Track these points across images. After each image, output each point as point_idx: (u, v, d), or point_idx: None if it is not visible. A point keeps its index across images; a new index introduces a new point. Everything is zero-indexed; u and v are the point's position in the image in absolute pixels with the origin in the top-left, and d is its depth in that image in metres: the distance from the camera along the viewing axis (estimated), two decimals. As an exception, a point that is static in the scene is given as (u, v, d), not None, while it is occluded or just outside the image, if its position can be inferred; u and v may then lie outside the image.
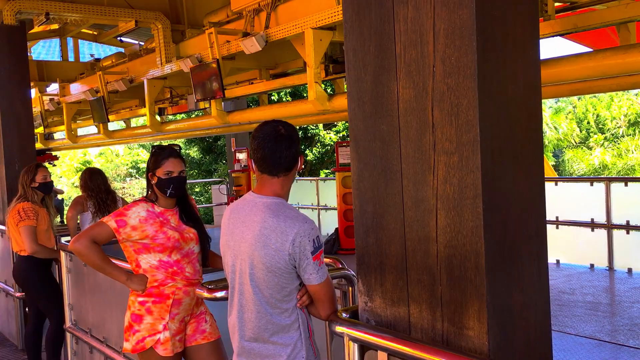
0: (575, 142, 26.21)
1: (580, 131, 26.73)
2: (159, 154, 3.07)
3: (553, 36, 4.10)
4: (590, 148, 24.53)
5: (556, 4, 4.31)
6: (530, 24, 1.72)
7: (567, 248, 8.09)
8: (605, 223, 7.55)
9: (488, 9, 1.60)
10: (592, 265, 7.59)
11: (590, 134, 26.03)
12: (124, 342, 3.02)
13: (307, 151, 19.80)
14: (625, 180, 8.08)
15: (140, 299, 2.99)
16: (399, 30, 1.78)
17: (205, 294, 2.51)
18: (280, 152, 2.12)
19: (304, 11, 4.96)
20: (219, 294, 2.44)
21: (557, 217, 7.91)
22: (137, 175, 30.03)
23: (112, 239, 2.99)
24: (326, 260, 3.13)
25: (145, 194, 3.16)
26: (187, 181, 3.64)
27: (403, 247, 1.82)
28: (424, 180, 1.73)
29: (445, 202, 1.68)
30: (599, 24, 3.59)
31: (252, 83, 7.25)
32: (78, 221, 5.09)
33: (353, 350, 1.91)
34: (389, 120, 1.83)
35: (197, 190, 23.59)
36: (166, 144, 3.52)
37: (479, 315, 1.62)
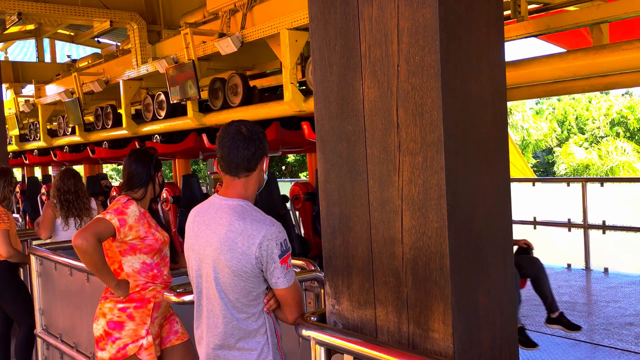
0: (556, 143, 26.50)
1: (562, 132, 27.04)
2: (157, 156, 3.12)
3: (527, 37, 4.11)
4: (571, 148, 24.80)
5: (530, 6, 4.33)
6: (494, 24, 1.71)
7: (544, 248, 8.14)
8: (582, 223, 7.62)
9: (451, 8, 1.58)
10: (569, 265, 7.65)
11: (571, 135, 26.34)
12: (99, 351, 2.95)
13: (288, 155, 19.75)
14: (601, 180, 8.17)
15: (121, 305, 2.94)
16: (364, 30, 1.75)
17: (174, 298, 2.47)
18: (238, 152, 2.08)
19: (279, 12, 4.94)
20: (187, 298, 2.40)
21: (534, 218, 7.96)
22: (118, 178, 29.72)
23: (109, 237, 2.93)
24: (298, 262, 3.11)
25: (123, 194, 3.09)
26: (166, 182, 3.67)
27: (369, 249, 1.80)
28: (390, 181, 1.71)
29: (411, 203, 1.66)
30: (571, 25, 3.62)
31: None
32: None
33: (320, 353, 1.88)
34: (355, 120, 1.81)
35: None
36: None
37: (444, 318, 1.60)
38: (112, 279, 2.91)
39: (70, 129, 8.91)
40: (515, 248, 4.94)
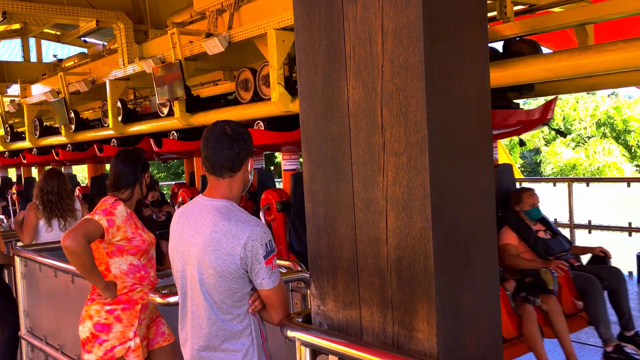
0: (543, 143, 26.65)
1: (549, 132, 27.19)
2: (145, 157, 3.11)
3: (513, 38, 4.13)
4: (558, 149, 24.95)
5: (516, 7, 4.35)
6: (478, 24, 1.71)
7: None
8: (568, 223, 7.67)
9: (435, 8, 1.58)
10: (556, 265, 7.69)
11: (558, 135, 26.47)
12: (85, 354, 2.92)
13: (276, 154, 19.72)
14: (587, 180, 8.23)
15: (108, 307, 2.92)
16: (349, 30, 1.75)
17: (159, 299, 2.45)
18: (222, 152, 2.07)
19: (266, 12, 4.91)
20: (172, 299, 2.38)
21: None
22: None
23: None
24: (285, 263, 3.11)
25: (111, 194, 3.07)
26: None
27: (354, 249, 1.80)
28: (374, 181, 1.71)
29: (395, 204, 1.66)
30: (556, 26, 3.64)
31: (216, 84, 7.17)
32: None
33: (305, 354, 1.88)
34: (340, 120, 1.80)
35: (164, 192, 23.26)
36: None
37: (429, 318, 1.60)
38: (100, 281, 2.88)
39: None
40: (589, 256, 4.74)
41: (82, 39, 11.48)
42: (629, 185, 8.11)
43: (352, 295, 1.82)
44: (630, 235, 7.35)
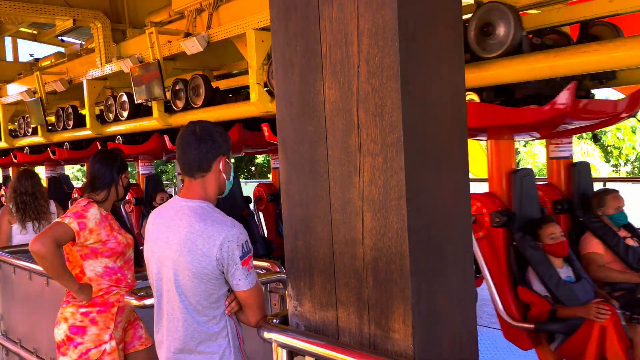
0: (522, 143, 26.90)
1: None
2: (123, 157, 3.08)
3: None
4: (536, 149, 25.19)
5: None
6: (453, 25, 1.72)
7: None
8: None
9: (411, 10, 1.59)
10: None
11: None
12: (60, 356, 2.90)
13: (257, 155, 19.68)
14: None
15: (83, 309, 2.89)
16: (325, 30, 1.75)
17: (135, 302, 2.43)
18: (190, 152, 2.08)
19: (246, 12, 4.90)
20: (149, 302, 2.36)
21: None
22: (83, 179, 29.16)
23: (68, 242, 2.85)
24: (263, 264, 3.10)
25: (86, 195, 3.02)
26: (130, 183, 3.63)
27: (331, 250, 1.79)
28: (350, 182, 1.71)
29: (371, 204, 1.66)
30: (532, 27, 3.67)
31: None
32: None
33: (281, 356, 1.87)
34: (316, 121, 1.80)
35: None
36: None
37: (404, 318, 1.60)
38: (73, 283, 2.85)
39: (31, 130, 8.71)
40: None
41: (60, 38, 11.32)
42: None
43: (328, 296, 1.81)
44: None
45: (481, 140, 6.35)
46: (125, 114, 6.53)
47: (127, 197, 6.07)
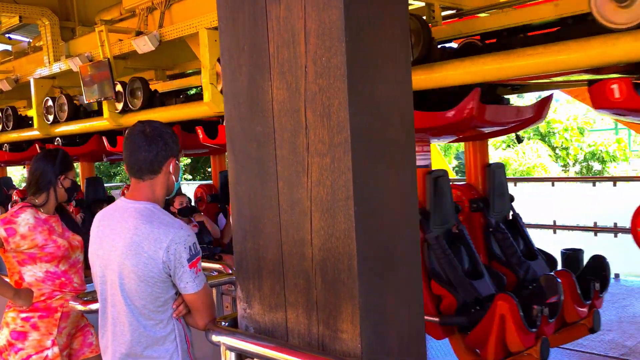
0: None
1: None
2: (68, 158, 2.98)
3: (442, 42, 4.18)
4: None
5: (445, 12, 4.45)
6: (400, 25, 1.73)
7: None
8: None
9: (357, 10, 1.59)
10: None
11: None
12: None
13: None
14: (515, 180, 8.52)
15: (24, 314, 2.80)
16: (272, 30, 1.74)
17: (79, 307, 2.36)
18: (140, 154, 2.01)
19: (198, 11, 4.84)
20: (94, 306, 2.29)
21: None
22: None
23: None
24: (215, 266, 3.06)
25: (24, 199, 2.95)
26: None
27: (280, 251, 1.78)
28: (299, 182, 1.71)
29: (319, 204, 1.66)
30: (481, 30, 3.74)
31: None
32: None
33: (230, 359, 1.84)
34: (264, 121, 1.79)
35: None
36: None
37: (352, 318, 1.60)
38: (8, 290, 2.76)
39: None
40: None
41: (7, 35, 10.96)
42: (553, 185, 8.45)
43: (277, 297, 1.80)
44: (555, 232, 7.66)
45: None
46: (64, 115, 6.41)
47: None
